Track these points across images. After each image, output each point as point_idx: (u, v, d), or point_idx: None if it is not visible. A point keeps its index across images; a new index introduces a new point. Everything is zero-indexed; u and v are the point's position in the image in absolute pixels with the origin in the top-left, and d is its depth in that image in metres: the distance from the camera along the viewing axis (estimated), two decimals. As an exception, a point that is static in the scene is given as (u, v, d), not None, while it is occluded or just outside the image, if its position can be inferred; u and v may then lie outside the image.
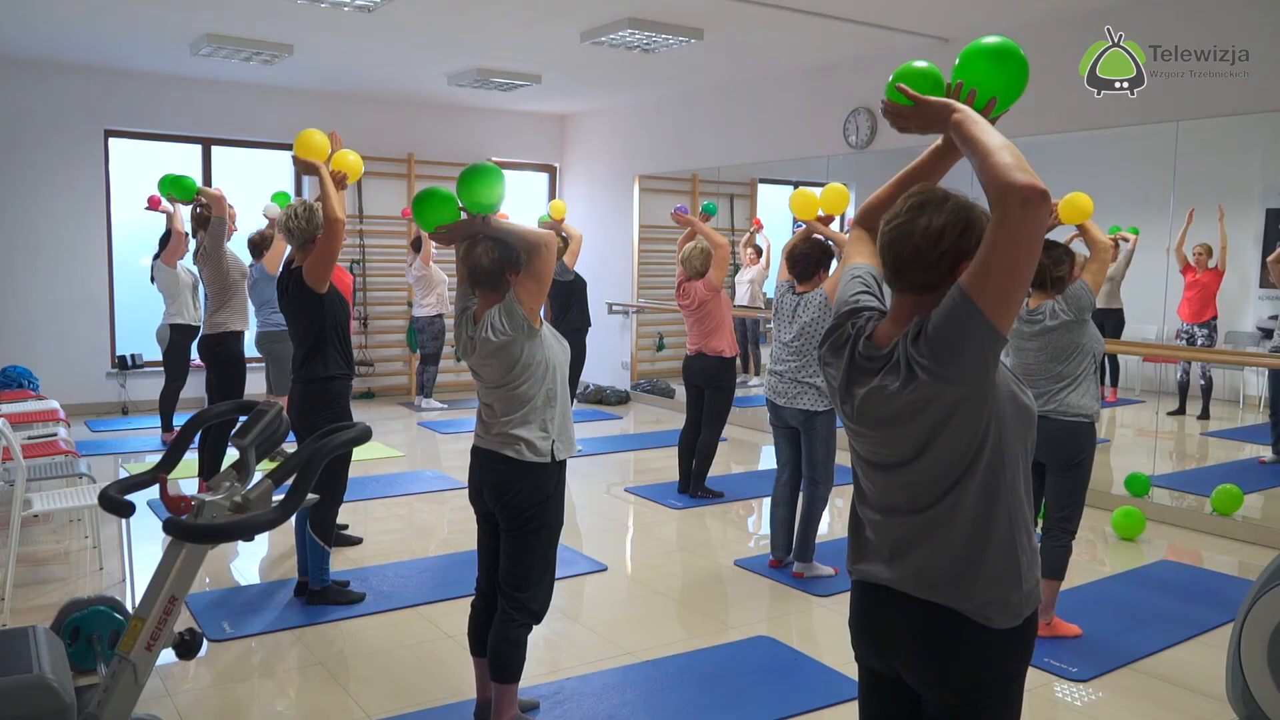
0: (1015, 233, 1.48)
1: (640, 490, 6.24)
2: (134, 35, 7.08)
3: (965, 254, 1.61)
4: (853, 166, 8.71)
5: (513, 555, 2.87)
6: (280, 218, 4.09)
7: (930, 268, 1.64)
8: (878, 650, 1.79)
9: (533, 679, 3.42)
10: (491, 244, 2.84)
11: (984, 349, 1.55)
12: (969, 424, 1.61)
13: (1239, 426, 7.67)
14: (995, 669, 1.69)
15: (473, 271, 2.86)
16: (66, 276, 8.41)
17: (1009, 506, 1.66)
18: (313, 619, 3.98)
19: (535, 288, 2.79)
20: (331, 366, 4.00)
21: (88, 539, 4.92)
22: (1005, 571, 1.66)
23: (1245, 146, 6.74)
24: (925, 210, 1.65)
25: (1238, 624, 2.68)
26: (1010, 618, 1.67)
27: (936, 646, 1.69)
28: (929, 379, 1.59)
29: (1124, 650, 3.77)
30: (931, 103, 1.70)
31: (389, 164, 9.70)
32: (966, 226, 1.63)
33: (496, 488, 2.85)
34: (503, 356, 2.79)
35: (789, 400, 4.47)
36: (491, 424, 2.87)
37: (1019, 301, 1.54)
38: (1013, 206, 1.47)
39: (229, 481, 2.35)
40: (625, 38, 6.59)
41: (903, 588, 1.72)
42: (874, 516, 1.78)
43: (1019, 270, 1.50)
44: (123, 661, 2.24)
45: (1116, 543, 5.28)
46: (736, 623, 4.09)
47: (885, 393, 1.65)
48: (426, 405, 9.12)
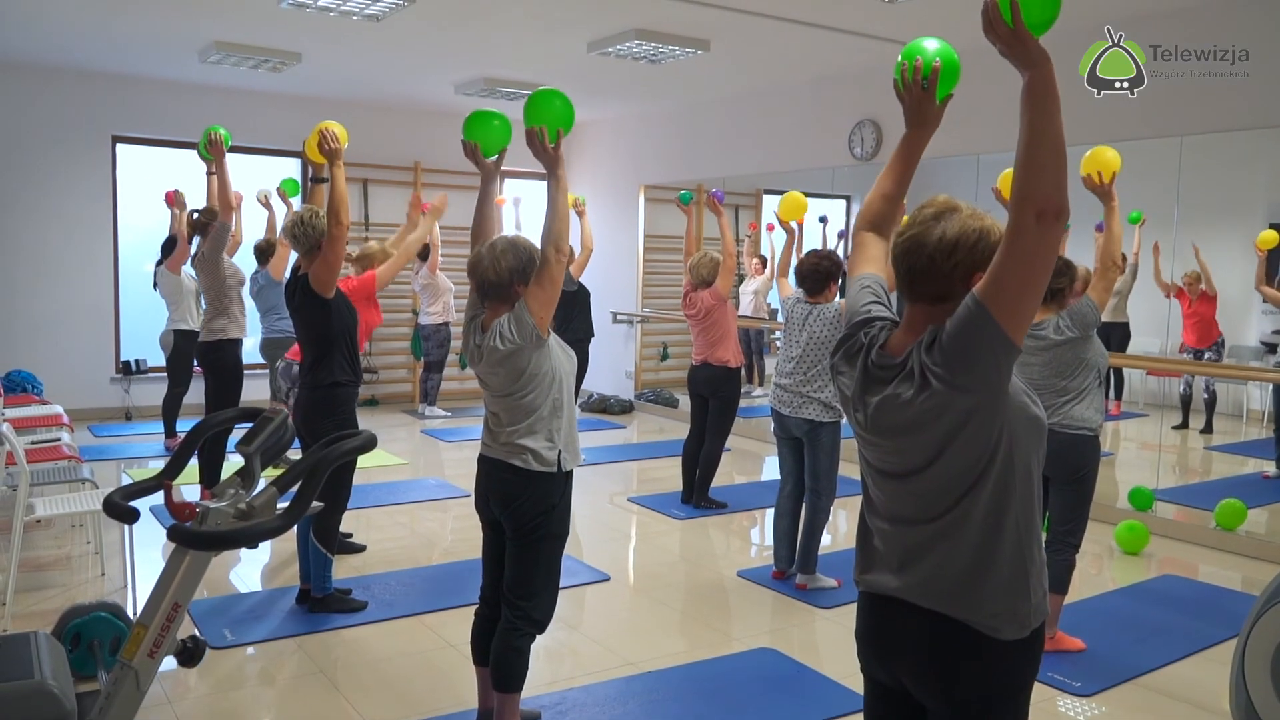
0: (1027, 245, 1.49)
1: (643, 500, 6.24)
2: (142, 42, 7.12)
3: (979, 265, 1.63)
4: (858, 178, 8.71)
5: (517, 563, 2.87)
6: (286, 223, 4.12)
7: (944, 278, 1.65)
8: (884, 661, 1.79)
9: (535, 689, 3.41)
10: (499, 255, 2.81)
11: (998, 358, 1.55)
12: (981, 434, 1.61)
13: (1242, 441, 7.66)
14: (1002, 681, 1.68)
15: (481, 284, 2.84)
16: (72, 281, 8.44)
17: (1018, 517, 1.66)
18: (314, 627, 3.97)
19: (545, 296, 2.76)
20: (338, 373, 4.01)
21: (89, 544, 4.92)
22: (1013, 582, 1.66)
23: (1249, 160, 6.74)
24: (939, 221, 1.67)
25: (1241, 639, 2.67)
26: (1018, 629, 1.66)
27: (943, 658, 1.68)
28: (942, 387, 1.59)
29: (1127, 665, 3.75)
30: (1030, 40, 1.60)
31: (395, 172, 9.73)
32: (980, 237, 1.65)
33: (503, 497, 2.85)
34: (510, 365, 2.79)
35: (794, 410, 4.47)
36: (498, 433, 2.87)
37: (1033, 311, 1.55)
38: (1027, 216, 1.48)
39: (233, 489, 2.34)
40: (632, 49, 6.61)
41: (910, 597, 1.71)
42: (883, 526, 1.78)
43: (1032, 281, 1.51)
44: (125, 668, 2.24)
45: (1120, 557, 5.27)
46: (739, 634, 4.08)
47: (899, 401, 1.65)
48: (430, 413, 9.12)
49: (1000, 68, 1.80)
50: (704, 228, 9.08)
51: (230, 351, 5.80)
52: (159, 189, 9.01)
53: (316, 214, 3.98)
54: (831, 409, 4.42)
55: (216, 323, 5.77)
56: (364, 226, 9.61)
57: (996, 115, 6.64)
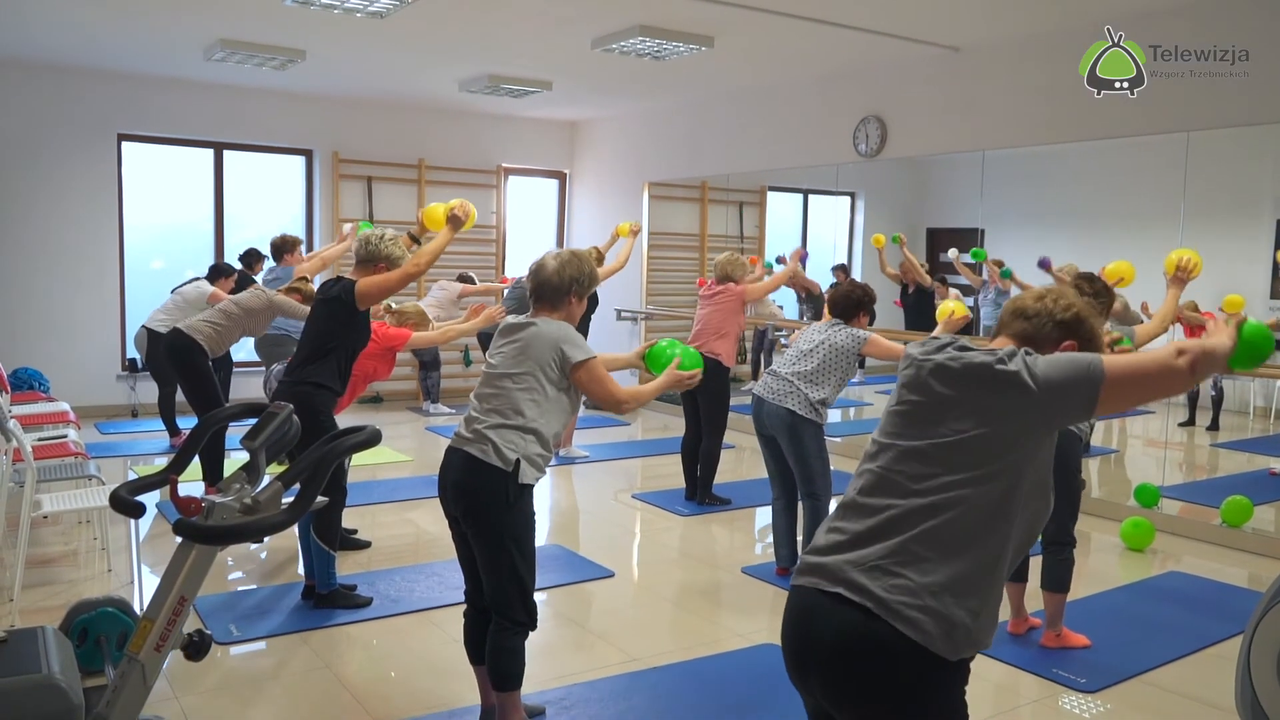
0: (1175, 387, 1.71)
1: (647, 497, 6.24)
2: (147, 40, 7.13)
3: (1072, 334, 1.85)
4: (862, 175, 8.71)
5: (488, 575, 2.85)
6: (357, 240, 4.24)
7: (1045, 339, 1.86)
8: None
9: (539, 684, 3.42)
10: (564, 263, 2.95)
11: (1077, 404, 1.69)
12: (1000, 443, 1.67)
13: (1249, 438, 7.64)
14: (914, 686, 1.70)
15: (538, 285, 2.95)
16: (78, 279, 8.46)
17: (991, 540, 1.68)
18: (319, 622, 3.98)
19: (589, 388, 2.92)
20: (326, 377, 4.02)
21: (96, 540, 4.94)
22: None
23: (1255, 155, 6.72)
24: (1049, 294, 1.92)
25: (1247, 636, 2.66)
26: (948, 647, 1.65)
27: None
28: (1004, 387, 1.68)
29: (1132, 662, 3.75)
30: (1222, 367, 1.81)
31: (399, 169, 9.74)
32: (1081, 317, 1.87)
33: (458, 487, 2.84)
34: (528, 353, 2.85)
35: (778, 399, 4.38)
36: (473, 420, 2.88)
37: (1114, 410, 1.76)
38: (1182, 371, 1.68)
39: (239, 483, 2.35)
40: (636, 45, 6.61)
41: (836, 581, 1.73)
42: (851, 496, 1.81)
43: (1136, 399, 1.74)
44: (131, 662, 2.25)
45: (1125, 553, 5.26)
46: (743, 630, 4.08)
47: (963, 361, 1.74)
48: (434, 410, 9.14)
49: (1001, 71, 1.83)
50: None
51: (201, 354, 5.61)
52: (164, 187, 9.08)
53: (384, 237, 4.12)
54: (817, 411, 4.34)
55: (205, 330, 5.62)
56: (370, 223, 9.62)
57: (999, 112, 6.65)
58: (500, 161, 10.25)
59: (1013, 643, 3.89)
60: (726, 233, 10.19)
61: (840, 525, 1.78)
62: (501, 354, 2.93)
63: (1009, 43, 6.39)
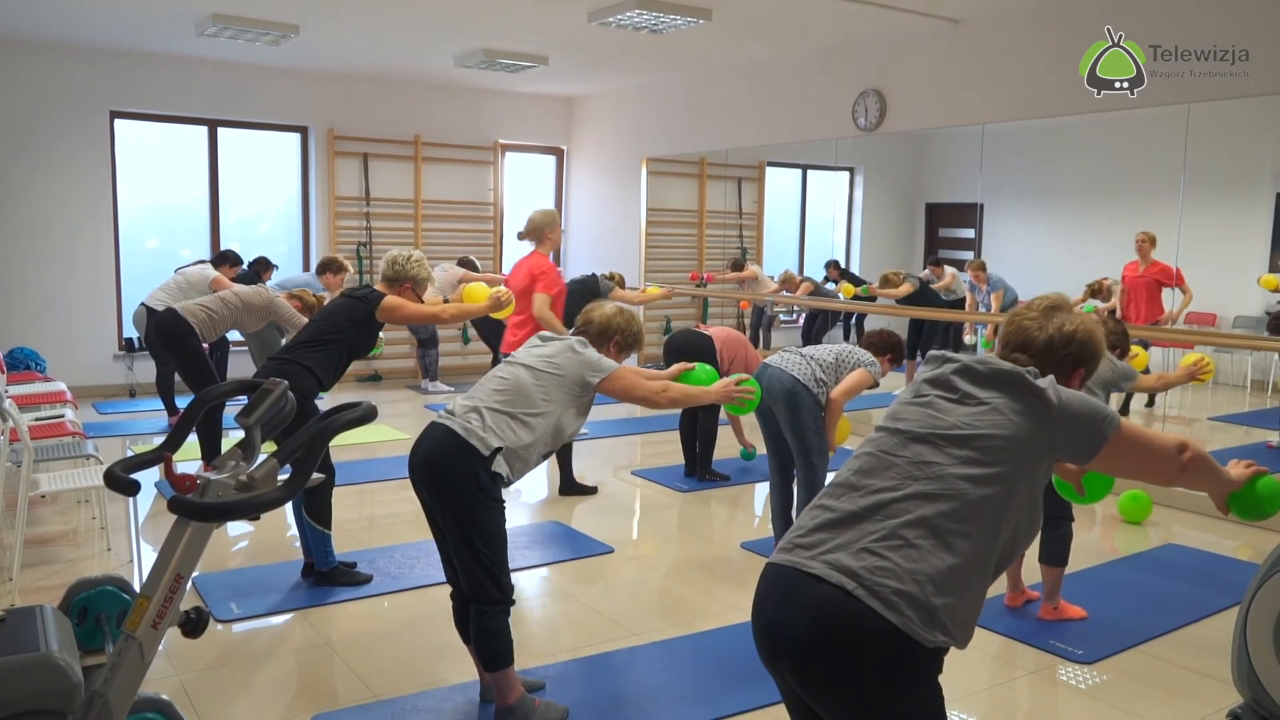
0: (1159, 462, 1.86)
1: (647, 473, 6.25)
2: (139, 15, 7.06)
3: (1083, 363, 1.93)
4: (862, 149, 8.67)
5: (459, 559, 2.84)
6: (385, 260, 4.33)
7: (1055, 363, 1.90)
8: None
9: (538, 659, 3.43)
10: (612, 315, 3.16)
11: (1084, 441, 1.76)
12: (1006, 448, 1.70)
13: (1246, 411, 7.64)
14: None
15: (586, 323, 3.16)
16: (73, 258, 8.42)
17: (981, 538, 1.67)
18: (319, 600, 3.99)
19: (623, 396, 3.05)
20: (317, 364, 4.00)
21: (95, 519, 4.94)
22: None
23: (1255, 129, 6.69)
24: (1058, 313, 1.94)
25: (1244, 607, 2.67)
26: (926, 633, 1.62)
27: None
28: (1028, 397, 1.74)
29: (1130, 633, 3.77)
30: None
31: (395, 145, 9.68)
32: (1089, 340, 1.93)
33: (427, 461, 2.83)
34: (557, 359, 2.95)
35: (786, 365, 4.39)
36: (464, 400, 2.92)
37: (1117, 474, 2.01)
38: (1179, 463, 1.85)
39: (234, 460, 2.34)
40: (633, 18, 6.54)
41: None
42: (845, 480, 1.80)
43: (1131, 468, 1.88)
44: (128, 639, 2.25)
45: (1123, 526, 5.27)
46: (742, 605, 4.06)
47: (991, 366, 1.80)
48: (433, 388, 9.15)
49: (1001, 43, 1.84)
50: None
51: (191, 335, 5.62)
52: (158, 165, 9.01)
53: (410, 259, 4.24)
54: (822, 388, 4.34)
55: (199, 314, 5.64)
56: (365, 201, 9.58)
57: (999, 86, 6.60)
58: (497, 138, 10.19)
59: (1010, 615, 3.90)
60: (725, 208, 10.16)
61: (829, 504, 1.77)
62: (530, 352, 3.01)
63: (1009, 15, 6.33)
